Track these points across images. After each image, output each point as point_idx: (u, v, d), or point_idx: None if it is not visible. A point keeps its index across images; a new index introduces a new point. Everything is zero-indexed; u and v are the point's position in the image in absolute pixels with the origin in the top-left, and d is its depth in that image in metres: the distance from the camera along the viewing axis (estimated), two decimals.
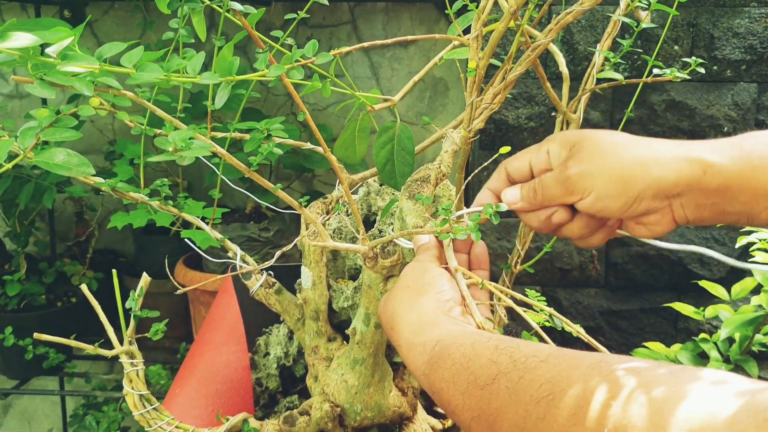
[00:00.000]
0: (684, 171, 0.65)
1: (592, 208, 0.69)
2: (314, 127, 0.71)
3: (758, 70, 1.70)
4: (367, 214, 1.04)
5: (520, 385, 0.52)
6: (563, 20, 0.75)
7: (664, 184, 0.66)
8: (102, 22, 2.19)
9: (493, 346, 0.57)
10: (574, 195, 0.69)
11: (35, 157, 0.61)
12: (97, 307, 0.89)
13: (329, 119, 2.16)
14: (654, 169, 0.66)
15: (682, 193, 0.66)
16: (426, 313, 0.68)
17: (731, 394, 0.40)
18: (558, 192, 0.70)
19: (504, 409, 0.53)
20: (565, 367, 0.50)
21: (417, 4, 2.09)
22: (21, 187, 1.79)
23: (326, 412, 0.94)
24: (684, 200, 0.67)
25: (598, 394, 0.45)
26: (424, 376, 0.64)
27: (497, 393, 0.54)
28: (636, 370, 0.45)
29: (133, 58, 0.53)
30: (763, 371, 1.71)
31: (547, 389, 0.49)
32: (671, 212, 0.68)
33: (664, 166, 0.66)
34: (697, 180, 0.65)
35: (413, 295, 0.71)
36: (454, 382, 0.59)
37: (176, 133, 0.53)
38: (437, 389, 0.62)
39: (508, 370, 0.54)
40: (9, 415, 2.44)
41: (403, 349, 0.69)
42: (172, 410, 1.01)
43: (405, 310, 0.71)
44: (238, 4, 0.63)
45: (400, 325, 0.70)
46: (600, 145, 0.69)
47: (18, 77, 0.64)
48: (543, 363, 0.52)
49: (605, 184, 0.67)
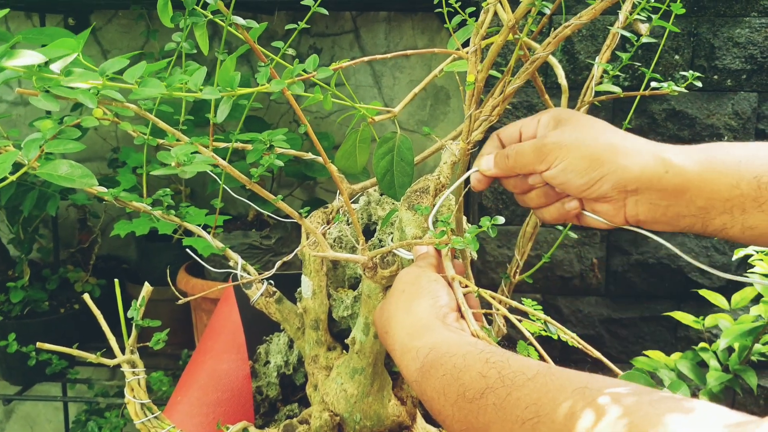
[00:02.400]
0: (648, 166, 0.67)
1: (555, 179, 0.71)
2: (315, 139, 0.72)
3: (758, 80, 1.71)
4: (368, 224, 1.04)
5: (507, 402, 0.53)
6: (561, 33, 0.76)
7: (626, 175, 0.68)
8: (106, 30, 2.20)
9: (484, 359, 0.58)
10: (544, 163, 0.71)
11: (39, 169, 0.62)
12: (99, 316, 0.89)
13: (331, 127, 2.17)
14: (622, 158, 0.68)
15: (640, 190, 0.68)
16: (421, 317, 0.69)
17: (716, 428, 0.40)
18: (531, 158, 0.73)
19: (491, 425, 0.53)
20: (552, 389, 0.50)
21: (419, 14, 2.10)
22: (25, 194, 1.80)
23: (326, 421, 0.94)
24: (640, 197, 0.69)
25: (581, 422, 0.46)
26: (416, 383, 0.65)
27: (485, 408, 0.54)
28: (619, 399, 0.46)
29: (136, 74, 0.53)
30: (762, 380, 1.71)
31: (533, 411, 0.50)
32: (624, 207, 0.70)
33: (632, 157, 0.68)
34: (659, 177, 0.67)
35: (408, 300, 0.72)
36: (444, 393, 0.59)
37: (179, 147, 0.54)
38: (428, 397, 0.62)
39: (496, 386, 0.54)
40: (12, 420, 2.45)
41: (396, 353, 0.69)
42: (173, 418, 1.02)
43: (400, 314, 0.71)
44: (241, 19, 0.64)
45: (395, 328, 0.71)
46: (584, 124, 0.71)
47: (22, 90, 0.65)
48: (530, 381, 0.53)
49: (575, 159, 0.69)
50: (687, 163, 0.67)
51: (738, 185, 0.65)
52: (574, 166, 0.69)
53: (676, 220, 0.69)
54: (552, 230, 1.79)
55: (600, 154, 0.69)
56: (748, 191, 0.65)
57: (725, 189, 0.65)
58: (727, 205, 0.66)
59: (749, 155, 0.66)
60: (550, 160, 0.71)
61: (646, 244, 1.80)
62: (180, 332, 2.03)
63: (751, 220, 0.65)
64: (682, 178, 0.67)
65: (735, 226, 0.66)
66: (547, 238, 1.79)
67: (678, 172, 0.67)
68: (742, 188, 0.65)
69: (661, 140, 1.73)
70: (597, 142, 0.69)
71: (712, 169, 0.66)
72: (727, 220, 0.66)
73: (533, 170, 0.73)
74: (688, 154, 0.68)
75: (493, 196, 1.80)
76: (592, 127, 0.71)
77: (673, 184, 0.67)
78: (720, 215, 0.66)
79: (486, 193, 1.79)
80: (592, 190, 0.70)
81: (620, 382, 0.48)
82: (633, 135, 0.71)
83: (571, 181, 0.70)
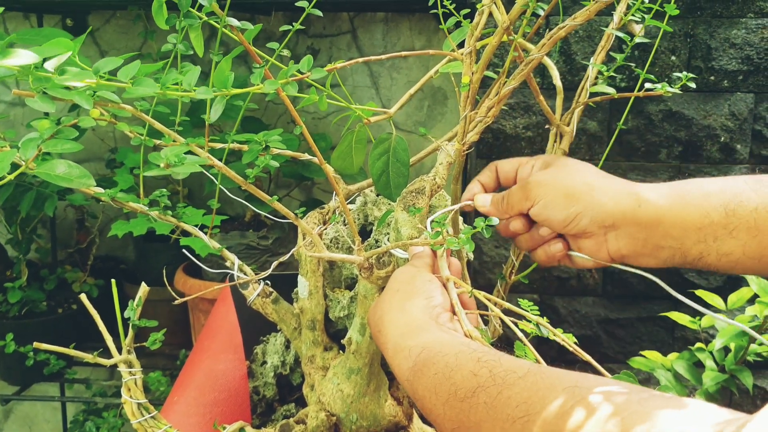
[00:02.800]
0: (622, 201, 0.73)
1: (540, 215, 0.76)
2: (311, 140, 0.72)
3: (755, 81, 1.71)
4: (364, 224, 1.05)
5: (498, 401, 0.53)
6: (556, 35, 0.76)
7: (602, 211, 0.73)
8: (104, 31, 2.20)
9: (476, 358, 0.59)
10: (529, 200, 0.77)
11: (37, 169, 0.62)
12: (96, 317, 0.90)
13: (329, 128, 2.18)
14: (597, 194, 0.73)
15: (617, 225, 0.73)
16: (414, 317, 0.70)
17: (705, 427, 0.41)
18: (518, 197, 0.78)
19: (482, 424, 0.54)
20: (542, 387, 0.51)
21: (416, 15, 2.10)
22: (23, 194, 1.80)
23: (322, 421, 0.95)
24: (619, 232, 0.73)
25: (572, 420, 0.46)
26: (407, 382, 0.65)
27: (476, 407, 0.55)
28: (609, 397, 0.46)
29: (130, 73, 0.54)
30: (758, 380, 1.71)
31: (524, 410, 0.50)
32: (606, 243, 0.75)
33: (606, 194, 0.73)
34: (632, 211, 0.72)
35: (402, 299, 0.72)
36: (436, 392, 0.60)
37: (170, 148, 0.54)
38: (420, 396, 0.63)
39: (487, 385, 0.55)
40: (10, 420, 2.45)
41: (389, 352, 0.70)
42: (170, 418, 1.02)
43: (393, 312, 0.72)
44: (235, 21, 0.64)
45: (387, 327, 0.71)
46: (565, 165, 0.78)
47: (19, 91, 0.65)
48: (521, 380, 0.53)
49: (553, 196, 0.75)
50: (658, 198, 0.72)
51: (708, 214, 0.70)
52: (554, 202, 0.75)
53: (657, 251, 0.73)
54: None
55: (576, 191, 0.74)
56: (718, 219, 0.69)
57: (696, 218, 0.70)
58: (700, 234, 0.70)
59: (718, 188, 0.71)
60: (533, 197, 0.76)
61: None
62: (178, 332, 2.04)
63: (724, 246, 0.70)
64: (654, 210, 0.72)
65: (711, 254, 0.71)
66: None
67: (650, 206, 0.72)
68: (712, 217, 0.70)
69: (657, 141, 1.74)
70: (574, 180, 0.75)
71: (683, 201, 0.71)
72: (703, 249, 0.71)
73: (521, 209, 0.78)
74: (658, 190, 0.73)
75: None
76: (572, 168, 0.77)
77: (646, 216, 0.72)
78: (695, 244, 0.71)
79: None
80: (572, 225, 0.74)
81: (611, 381, 0.49)
82: (609, 175, 0.77)
83: (553, 217, 0.75)
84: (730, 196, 0.70)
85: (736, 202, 0.69)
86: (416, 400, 0.64)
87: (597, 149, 1.76)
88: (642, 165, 1.77)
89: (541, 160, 0.81)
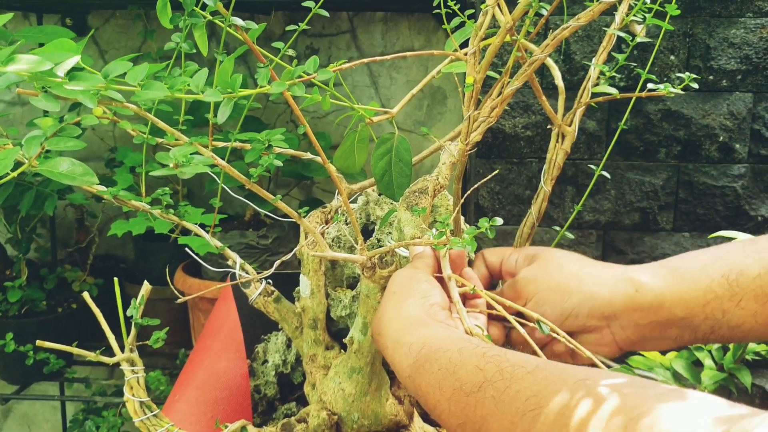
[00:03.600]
0: (618, 289, 0.70)
1: (535, 312, 0.72)
2: (314, 139, 0.73)
3: (754, 80, 1.72)
4: (366, 224, 1.05)
5: (506, 395, 0.52)
6: (559, 35, 0.76)
7: (598, 302, 0.70)
8: (103, 31, 2.20)
9: (481, 353, 0.58)
10: (521, 299, 0.74)
11: (40, 166, 0.62)
12: (98, 314, 0.90)
13: (329, 127, 2.18)
14: (589, 285, 0.71)
15: (618, 313, 0.70)
16: (411, 314, 0.69)
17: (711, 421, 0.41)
18: (510, 297, 0.75)
19: (489, 418, 0.53)
20: (553, 381, 0.50)
21: (416, 14, 2.10)
22: (22, 194, 1.80)
23: (323, 420, 0.95)
24: (622, 321, 0.70)
25: (580, 409, 0.46)
26: (408, 379, 0.64)
27: (483, 401, 0.54)
28: (618, 389, 0.46)
29: (138, 76, 0.54)
30: (756, 379, 1.72)
31: (534, 403, 0.50)
32: (612, 334, 0.71)
33: (598, 283, 0.71)
34: (630, 297, 0.69)
35: (399, 300, 0.72)
36: (440, 387, 0.59)
37: (177, 149, 0.54)
38: (423, 393, 0.62)
39: (494, 379, 0.54)
40: (9, 419, 2.45)
41: (389, 351, 0.69)
42: (172, 417, 1.02)
43: (391, 312, 0.71)
44: (240, 20, 0.64)
45: (386, 327, 0.71)
46: (551, 258, 0.76)
47: (22, 90, 0.65)
48: (530, 374, 0.53)
49: (545, 292, 0.73)
50: (653, 280, 0.69)
51: (710, 289, 0.67)
52: (546, 299, 0.72)
53: (664, 333, 0.70)
54: (548, 230, 1.80)
55: (568, 285, 0.72)
56: (722, 292, 0.66)
57: (699, 295, 0.67)
58: (706, 310, 0.67)
59: (713, 258, 0.68)
60: (525, 295, 0.74)
61: (642, 243, 1.81)
62: (177, 332, 2.04)
63: (734, 319, 0.66)
64: (653, 294, 0.69)
65: (722, 327, 0.67)
66: (544, 238, 1.80)
67: (648, 289, 0.69)
68: (716, 291, 0.66)
69: (656, 140, 1.74)
70: (563, 274, 0.73)
71: (680, 279, 0.68)
72: (713, 324, 0.67)
73: (516, 309, 0.74)
74: (652, 272, 0.70)
75: (490, 196, 1.80)
76: (559, 260, 0.75)
77: (647, 301, 0.69)
78: (703, 321, 0.67)
79: (483, 193, 1.80)
80: (569, 321, 0.71)
81: (618, 374, 0.48)
82: (597, 262, 0.74)
83: (548, 314, 0.72)
84: (729, 266, 0.67)
85: (736, 272, 0.66)
86: (418, 397, 0.64)
87: (596, 148, 1.77)
88: (641, 164, 1.77)
89: (523, 253, 0.79)
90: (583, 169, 1.77)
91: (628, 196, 1.79)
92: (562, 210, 1.80)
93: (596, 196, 1.79)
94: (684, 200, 1.78)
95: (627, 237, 1.80)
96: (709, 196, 1.77)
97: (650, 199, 1.79)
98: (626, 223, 1.80)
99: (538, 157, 1.77)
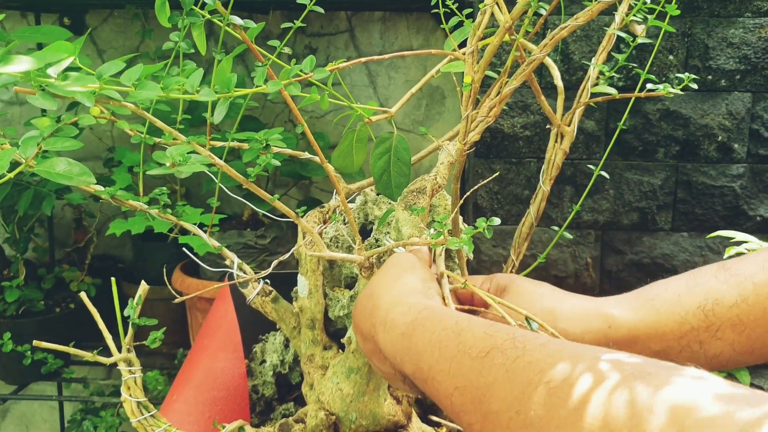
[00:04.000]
0: (592, 325, 0.67)
1: None
2: (312, 139, 0.72)
3: (752, 80, 1.72)
4: (364, 223, 1.05)
5: (517, 364, 0.50)
6: (558, 35, 0.76)
7: (570, 339, 0.67)
8: (101, 30, 2.20)
9: (489, 323, 0.56)
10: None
11: (37, 166, 0.62)
12: (95, 314, 0.90)
13: (327, 127, 2.18)
14: (561, 322, 0.68)
15: None
16: (413, 285, 0.67)
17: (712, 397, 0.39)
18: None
19: (496, 386, 0.50)
20: (567, 356, 0.48)
21: (414, 14, 2.10)
22: (20, 193, 1.80)
23: (321, 420, 0.95)
24: None
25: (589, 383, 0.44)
26: (402, 336, 0.61)
27: (490, 368, 0.51)
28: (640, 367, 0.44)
29: (133, 76, 0.54)
30: (755, 379, 1.71)
31: (549, 375, 0.47)
32: None
33: (570, 320, 0.68)
34: (604, 334, 0.67)
35: (399, 272, 0.70)
36: (440, 346, 0.57)
37: (174, 148, 0.54)
38: (417, 351, 0.59)
39: (505, 347, 0.51)
40: (7, 420, 2.45)
41: (379, 312, 0.66)
42: (169, 417, 1.02)
43: (390, 280, 0.69)
44: (238, 19, 0.64)
45: (382, 289, 0.68)
46: (522, 291, 0.73)
47: (19, 88, 0.65)
48: (543, 347, 0.50)
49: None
50: (627, 314, 0.67)
51: (685, 321, 0.65)
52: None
53: None
54: (547, 230, 1.79)
55: (543, 317, 0.69)
56: (698, 324, 0.64)
57: (675, 327, 0.65)
58: (682, 342, 0.65)
59: (688, 287, 0.66)
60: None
61: (640, 243, 1.81)
62: (175, 332, 2.04)
63: (711, 350, 0.64)
64: (627, 329, 0.67)
65: (699, 358, 0.65)
66: (542, 238, 1.80)
67: (621, 325, 0.67)
68: (691, 323, 0.65)
69: (655, 140, 1.74)
70: (533, 308, 0.70)
71: (655, 311, 0.66)
72: (689, 356, 0.65)
73: None
74: (627, 303, 0.68)
75: (489, 196, 1.80)
76: (530, 294, 0.72)
77: (620, 335, 0.67)
78: (679, 354, 0.65)
79: (481, 193, 1.80)
80: None
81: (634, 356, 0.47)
82: (569, 293, 0.72)
83: None
84: (704, 295, 0.65)
85: (712, 301, 0.64)
86: (407, 356, 0.60)
87: (594, 148, 1.77)
88: (639, 164, 1.77)
89: (494, 283, 0.77)
90: (582, 169, 1.77)
91: (626, 196, 1.79)
92: (560, 210, 1.80)
93: (595, 196, 1.79)
94: (683, 200, 1.78)
95: (625, 237, 1.80)
96: (708, 196, 1.77)
97: (649, 199, 1.79)
98: (625, 223, 1.80)
99: (536, 157, 1.76)
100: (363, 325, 0.71)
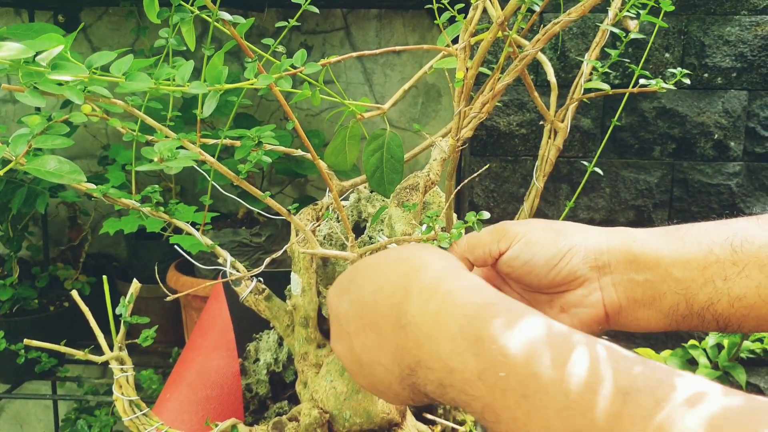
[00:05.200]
0: (614, 238, 0.65)
1: (517, 259, 0.66)
2: (303, 136, 0.72)
3: (748, 78, 1.71)
4: (358, 221, 1.04)
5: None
6: (551, 30, 0.76)
7: (594, 246, 0.64)
8: (96, 27, 2.19)
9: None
10: (504, 241, 0.66)
11: (27, 164, 0.62)
12: (87, 313, 0.89)
13: (322, 124, 2.17)
14: (585, 230, 0.66)
15: (613, 264, 0.64)
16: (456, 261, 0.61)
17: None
18: (488, 238, 0.68)
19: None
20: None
21: (410, 11, 2.10)
22: (14, 191, 1.79)
23: (315, 419, 0.94)
24: (615, 276, 0.64)
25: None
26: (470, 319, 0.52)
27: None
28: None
29: (123, 67, 0.53)
30: (751, 377, 1.71)
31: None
32: (600, 291, 0.65)
33: (595, 230, 0.66)
34: (628, 247, 0.64)
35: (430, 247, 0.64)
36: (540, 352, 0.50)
37: (162, 143, 0.53)
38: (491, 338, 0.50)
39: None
40: (1, 419, 2.44)
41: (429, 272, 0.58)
42: (162, 416, 1.01)
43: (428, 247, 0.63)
44: (227, 14, 0.64)
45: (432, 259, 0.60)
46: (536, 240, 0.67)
47: (9, 86, 0.64)
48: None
49: (538, 231, 0.66)
50: (652, 237, 0.64)
51: (711, 250, 0.62)
52: (538, 237, 0.65)
53: (658, 299, 0.63)
54: None
55: (565, 226, 0.66)
56: (724, 255, 0.61)
57: (700, 256, 0.62)
58: (706, 273, 0.62)
59: (716, 224, 0.64)
60: (510, 237, 0.66)
61: None
62: (170, 330, 2.03)
63: (736, 288, 0.61)
64: (651, 248, 0.63)
65: (721, 299, 0.61)
66: None
67: (645, 242, 0.64)
68: (717, 253, 0.62)
69: (651, 138, 1.74)
70: (555, 222, 0.67)
71: (680, 239, 0.63)
72: (711, 293, 0.62)
73: (486, 257, 0.67)
74: (650, 232, 0.65)
75: (485, 194, 1.80)
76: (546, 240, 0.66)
77: (643, 253, 0.63)
78: (702, 288, 0.62)
79: (477, 191, 1.79)
80: (561, 264, 0.64)
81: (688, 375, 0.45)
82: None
83: (538, 256, 0.65)
84: (733, 231, 0.62)
85: (741, 237, 0.61)
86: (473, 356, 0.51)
87: (590, 146, 1.76)
88: (635, 162, 1.77)
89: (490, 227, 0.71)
90: (578, 167, 1.76)
91: (622, 194, 1.79)
92: (556, 208, 1.80)
93: (591, 194, 1.79)
94: (679, 198, 1.78)
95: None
96: (704, 194, 1.77)
97: (645, 197, 1.78)
98: (621, 221, 1.80)
99: (532, 154, 1.76)
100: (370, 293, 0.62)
